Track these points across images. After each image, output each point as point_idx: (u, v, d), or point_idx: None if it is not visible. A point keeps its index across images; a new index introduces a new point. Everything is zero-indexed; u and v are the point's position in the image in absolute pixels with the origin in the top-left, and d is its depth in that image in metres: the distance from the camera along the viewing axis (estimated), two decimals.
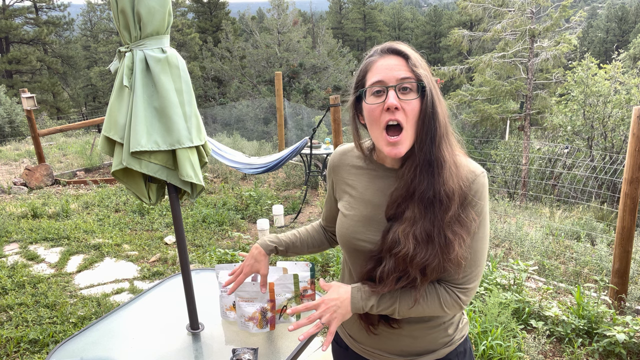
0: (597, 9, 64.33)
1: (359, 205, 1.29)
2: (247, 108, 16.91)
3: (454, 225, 1.14)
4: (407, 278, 1.16)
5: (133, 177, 1.75)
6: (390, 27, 51.78)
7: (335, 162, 1.41)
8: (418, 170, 1.15)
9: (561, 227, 5.20)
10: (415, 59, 1.16)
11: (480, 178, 1.18)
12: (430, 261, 1.12)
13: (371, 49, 1.25)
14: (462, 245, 1.14)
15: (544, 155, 10.52)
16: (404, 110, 1.13)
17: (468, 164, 1.20)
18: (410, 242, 1.13)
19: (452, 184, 1.13)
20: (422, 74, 1.14)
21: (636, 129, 3.07)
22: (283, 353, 1.69)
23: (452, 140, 1.18)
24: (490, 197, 7.93)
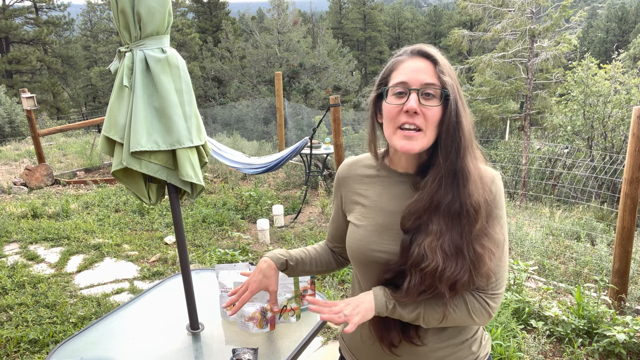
0: (597, 9, 64.33)
1: (373, 214, 1.23)
2: (247, 108, 16.91)
3: (482, 239, 1.10)
4: (432, 292, 1.11)
5: (133, 177, 1.75)
6: (390, 27, 51.76)
7: (343, 174, 1.35)
8: (443, 181, 1.11)
9: (561, 227, 5.19)
10: (444, 65, 1.13)
11: (497, 180, 1.17)
12: (460, 276, 1.08)
13: (401, 48, 1.21)
14: (492, 259, 1.10)
15: (544, 155, 10.52)
16: (423, 115, 1.10)
17: (485, 168, 1.18)
18: (439, 256, 1.08)
19: (477, 196, 1.10)
20: (448, 82, 1.11)
21: (636, 129, 3.07)
22: (283, 353, 1.69)
23: (476, 152, 1.15)
24: None
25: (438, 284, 1.09)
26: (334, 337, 3.21)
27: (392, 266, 1.17)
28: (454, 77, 1.13)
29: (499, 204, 1.16)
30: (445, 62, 1.14)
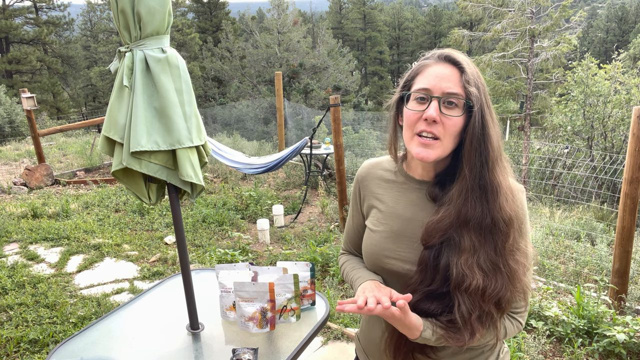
0: (597, 9, 64.33)
1: (389, 220, 1.21)
2: (247, 108, 16.91)
3: (515, 254, 1.07)
4: (487, 315, 1.06)
5: (133, 177, 1.75)
6: (390, 27, 51.74)
7: (364, 174, 1.33)
8: (469, 195, 1.07)
9: (561, 227, 5.19)
10: (472, 74, 1.07)
11: (522, 195, 1.14)
12: (502, 293, 1.04)
13: (430, 51, 1.16)
14: (526, 274, 1.08)
15: (544, 155, 10.52)
16: (443, 124, 1.07)
17: (514, 184, 1.14)
18: (477, 273, 1.04)
19: (509, 210, 1.06)
20: (473, 93, 1.05)
21: (636, 129, 3.07)
22: (283, 353, 1.69)
23: (505, 165, 1.10)
24: None
25: (482, 304, 1.05)
26: (334, 337, 3.21)
27: (415, 285, 1.11)
28: (482, 87, 1.08)
29: (526, 218, 1.14)
30: (473, 71, 1.08)
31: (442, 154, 1.09)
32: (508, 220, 1.06)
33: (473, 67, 1.09)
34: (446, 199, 1.11)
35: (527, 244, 1.13)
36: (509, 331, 1.13)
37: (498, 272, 1.05)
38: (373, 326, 1.30)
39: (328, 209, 5.82)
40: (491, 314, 1.06)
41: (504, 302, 1.06)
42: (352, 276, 1.30)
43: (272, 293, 1.75)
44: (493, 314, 1.07)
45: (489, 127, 1.06)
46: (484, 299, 1.04)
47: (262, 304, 1.75)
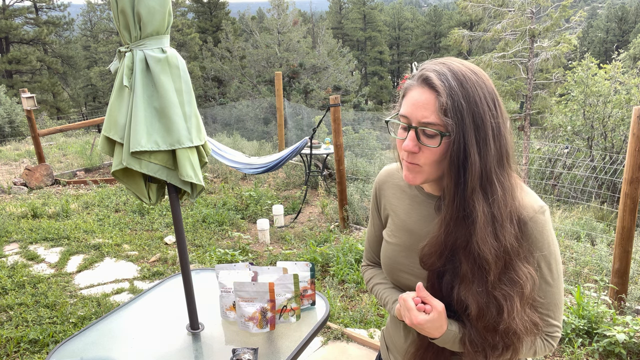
0: (597, 9, 64.33)
1: (401, 233, 1.20)
2: (247, 108, 16.92)
3: (502, 286, 1.00)
4: (496, 344, 1.03)
5: (133, 177, 1.75)
6: (390, 27, 51.76)
7: (382, 180, 1.30)
8: (452, 222, 1.03)
9: (561, 227, 5.19)
10: (449, 97, 0.96)
11: (538, 217, 1.02)
12: (500, 325, 1.00)
13: (419, 66, 1.08)
14: (518, 307, 1.00)
15: (544, 155, 10.52)
16: (423, 152, 1.02)
17: (523, 201, 1.03)
18: (472, 302, 1.01)
19: (489, 246, 0.98)
20: (448, 122, 0.96)
21: (636, 129, 3.07)
22: (283, 353, 1.69)
23: (495, 189, 0.99)
24: None
25: (485, 333, 1.02)
26: (334, 337, 3.21)
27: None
28: (466, 109, 0.96)
29: (539, 245, 1.03)
30: (454, 92, 0.97)
31: (427, 179, 1.06)
32: (486, 255, 0.98)
33: (456, 86, 0.97)
34: (437, 221, 1.08)
35: (545, 271, 1.04)
36: (539, 350, 1.09)
37: (491, 302, 1.00)
38: (397, 325, 1.30)
39: (328, 209, 5.82)
40: (501, 342, 1.02)
41: (509, 333, 1.00)
42: (384, 296, 1.28)
43: (272, 293, 1.75)
44: (503, 342, 1.02)
45: (471, 155, 0.97)
46: (485, 329, 1.01)
47: (262, 304, 1.75)
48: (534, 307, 1.06)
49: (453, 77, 0.98)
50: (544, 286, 1.05)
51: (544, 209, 1.03)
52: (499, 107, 1.01)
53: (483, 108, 0.98)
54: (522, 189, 1.05)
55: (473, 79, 0.99)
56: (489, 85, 1.01)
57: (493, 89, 1.01)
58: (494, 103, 1.00)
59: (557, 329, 1.09)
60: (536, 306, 1.06)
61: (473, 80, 0.99)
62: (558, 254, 1.06)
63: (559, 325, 1.09)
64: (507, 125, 1.02)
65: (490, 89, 1.00)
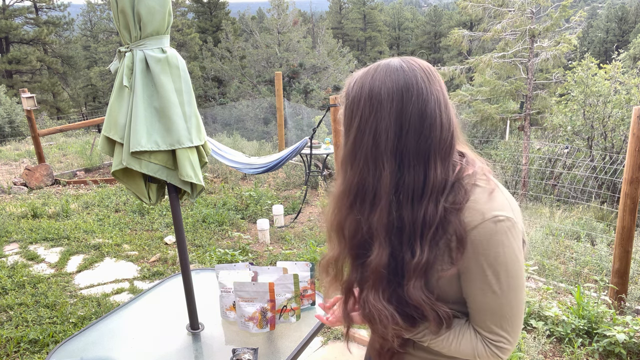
0: (597, 9, 64.32)
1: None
2: (247, 108, 16.92)
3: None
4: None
5: (133, 177, 1.75)
6: (390, 27, 51.76)
7: None
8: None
9: (561, 227, 5.19)
10: (342, 112, 1.06)
11: (486, 225, 0.97)
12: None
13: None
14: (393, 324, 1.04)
15: (544, 155, 10.52)
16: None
17: (477, 205, 0.99)
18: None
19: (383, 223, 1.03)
20: (340, 130, 1.06)
21: (636, 129, 3.07)
22: (283, 353, 1.69)
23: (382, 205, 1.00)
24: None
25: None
26: (334, 337, 3.21)
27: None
28: (349, 117, 1.03)
29: (484, 252, 0.98)
30: (344, 109, 1.05)
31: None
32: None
33: (348, 98, 1.04)
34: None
35: (493, 285, 1.00)
36: (478, 353, 1.07)
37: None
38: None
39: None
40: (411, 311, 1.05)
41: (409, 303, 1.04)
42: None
43: (272, 293, 1.75)
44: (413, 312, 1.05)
45: (344, 166, 1.04)
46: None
47: (262, 304, 1.75)
48: (470, 308, 1.06)
49: (350, 85, 1.06)
50: (489, 294, 1.01)
51: (500, 218, 0.97)
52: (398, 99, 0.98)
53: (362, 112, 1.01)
54: (489, 192, 1.01)
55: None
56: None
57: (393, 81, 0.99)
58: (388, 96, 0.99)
59: (502, 339, 1.04)
60: (475, 309, 1.04)
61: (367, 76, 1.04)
62: (513, 268, 1.00)
63: (506, 337, 1.04)
64: (437, 118, 0.98)
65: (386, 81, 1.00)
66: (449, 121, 1.00)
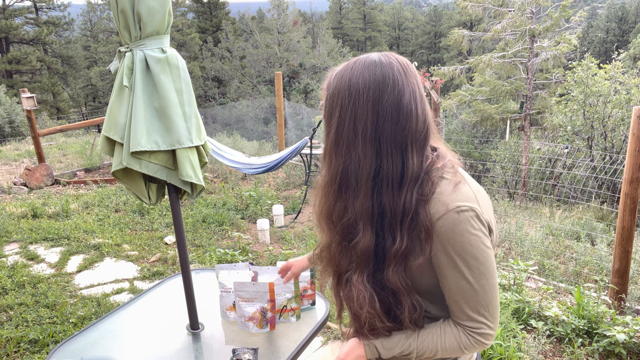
0: (597, 9, 64.32)
1: None
2: (247, 108, 16.92)
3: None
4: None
5: (133, 177, 1.75)
6: (390, 27, 51.77)
7: None
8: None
9: (561, 227, 5.19)
10: (322, 104, 1.12)
11: (450, 215, 1.01)
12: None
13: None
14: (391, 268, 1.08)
15: (544, 155, 10.52)
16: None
17: (442, 196, 1.04)
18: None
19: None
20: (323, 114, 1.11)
21: (636, 129, 3.07)
22: (283, 353, 1.69)
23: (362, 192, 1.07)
24: (490, 197, 7.92)
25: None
26: (334, 337, 3.21)
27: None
28: (330, 109, 1.08)
29: (451, 241, 1.02)
30: (325, 95, 1.10)
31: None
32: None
33: (327, 89, 1.09)
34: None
35: (460, 274, 1.05)
36: (463, 344, 1.10)
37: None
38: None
39: None
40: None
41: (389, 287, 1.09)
42: None
43: (272, 293, 1.75)
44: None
45: (326, 157, 1.11)
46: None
47: (262, 304, 1.75)
48: (448, 299, 1.10)
49: (331, 79, 1.09)
50: (463, 282, 1.05)
51: (462, 208, 1.02)
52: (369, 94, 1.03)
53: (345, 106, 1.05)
54: (454, 183, 1.05)
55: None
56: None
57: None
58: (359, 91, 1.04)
59: (482, 325, 1.08)
60: (452, 300, 1.08)
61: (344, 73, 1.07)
62: (481, 255, 1.03)
63: (485, 322, 1.08)
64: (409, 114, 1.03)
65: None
66: (424, 114, 1.04)
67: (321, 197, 1.14)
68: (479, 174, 12.27)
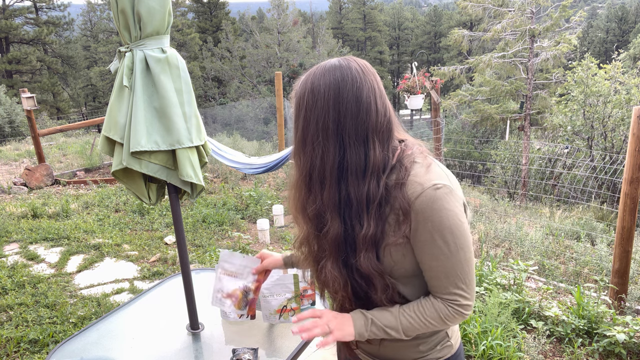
0: (597, 9, 64.31)
1: None
2: (247, 108, 16.92)
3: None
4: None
5: (133, 177, 1.75)
6: (390, 27, 51.76)
7: None
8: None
9: (561, 227, 5.20)
10: (292, 112, 1.20)
11: (428, 193, 1.07)
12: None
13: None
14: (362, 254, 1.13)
15: (544, 155, 10.52)
16: None
17: (417, 178, 1.10)
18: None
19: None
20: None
21: (636, 129, 3.07)
22: (283, 353, 1.69)
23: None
24: (490, 197, 7.93)
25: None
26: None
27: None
28: (298, 110, 1.15)
29: (429, 218, 1.08)
30: (293, 101, 1.18)
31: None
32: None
33: (298, 95, 1.16)
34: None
35: (443, 238, 1.10)
36: (444, 315, 1.15)
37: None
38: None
39: None
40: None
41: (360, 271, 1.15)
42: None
43: (262, 274, 1.65)
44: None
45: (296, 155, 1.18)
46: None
47: (247, 282, 1.65)
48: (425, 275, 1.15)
49: (297, 86, 1.17)
50: (441, 257, 1.10)
51: (438, 186, 1.08)
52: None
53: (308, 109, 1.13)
54: (426, 166, 1.12)
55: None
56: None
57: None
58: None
59: (459, 297, 1.14)
60: (431, 276, 1.13)
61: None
62: (457, 229, 1.09)
63: (462, 293, 1.14)
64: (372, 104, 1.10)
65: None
66: (384, 108, 1.12)
67: (294, 193, 1.22)
68: (479, 174, 12.26)
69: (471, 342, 2.89)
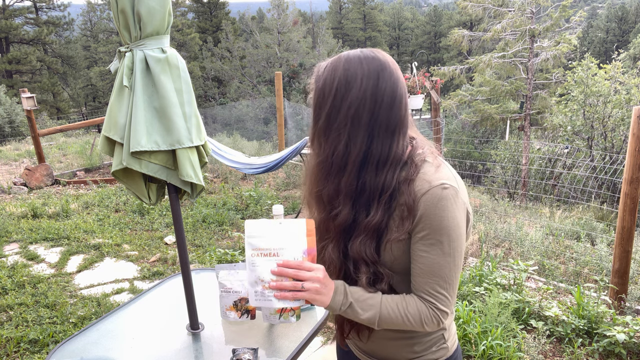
0: (597, 9, 64.32)
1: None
2: (247, 108, 16.92)
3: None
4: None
5: (133, 177, 1.75)
6: (390, 27, 51.78)
7: None
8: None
9: (561, 227, 5.20)
10: (312, 96, 1.17)
11: (434, 191, 1.08)
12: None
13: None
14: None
15: (544, 155, 10.52)
16: None
17: (426, 176, 1.11)
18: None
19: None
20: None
21: (636, 129, 3.07)
22: (283, 353, 1.69)
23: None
24: (490, 197, 7.93)
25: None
26: (334, 337, 3.21)
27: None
28: (317, 99, 1.14)
29: (430, 216, 1.08)
30: (314, 88, 1.16)
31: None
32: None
33: (315, 83, 1.15)
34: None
35: (435, 250, 1.10)
36: (424, 316, 1.14)
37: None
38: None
39: None
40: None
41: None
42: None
43: (313, 238, 1.13)
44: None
45: (314, 141, 1.17)
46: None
47: (296, 254, 1.15)
48: (415, 273, 1.14)
49: (315, 78, 1.17)
50: (432, 256, 1.10)
51: (446, 186, 1.09)
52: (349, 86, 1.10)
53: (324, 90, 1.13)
54: (436, 166, 1.14)
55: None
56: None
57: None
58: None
59: (440, 300, 1.13)
60: (418, 273, 1.13)
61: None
62: (454, 232, 1.10)
63: (443, 299, 1.13)
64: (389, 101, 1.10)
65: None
66: (407, 102, 1.15)
67: (311, 178, 1.21)
68: (479, 174, 12.26)
69: (471, 342, 2.89)
